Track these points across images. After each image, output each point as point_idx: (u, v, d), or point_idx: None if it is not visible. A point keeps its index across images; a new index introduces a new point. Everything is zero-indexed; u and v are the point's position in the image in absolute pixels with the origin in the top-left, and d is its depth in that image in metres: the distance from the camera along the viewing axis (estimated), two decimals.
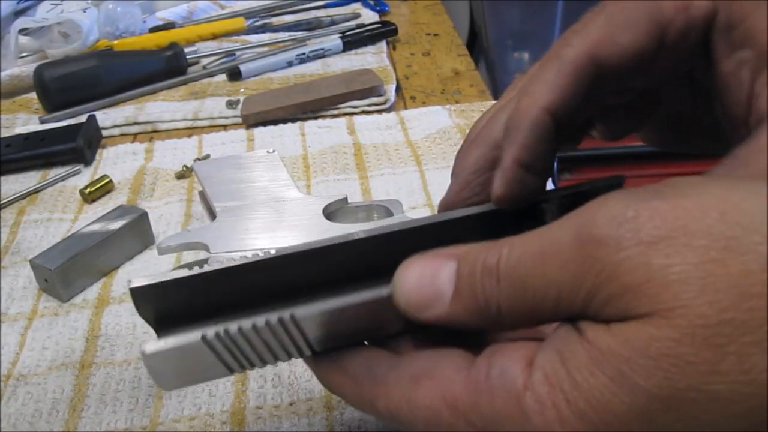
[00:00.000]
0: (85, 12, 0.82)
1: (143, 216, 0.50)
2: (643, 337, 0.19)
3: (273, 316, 0.25)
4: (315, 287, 0.26)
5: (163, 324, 0.25)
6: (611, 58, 0.26)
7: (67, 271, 0.46)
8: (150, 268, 0.49)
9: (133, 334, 0.44)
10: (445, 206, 0.30)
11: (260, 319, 0.25)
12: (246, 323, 0.25)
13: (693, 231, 0.19)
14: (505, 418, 0.21)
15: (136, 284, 0.24)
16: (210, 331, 0.24)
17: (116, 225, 0.49)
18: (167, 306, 0.25)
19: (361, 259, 0.26)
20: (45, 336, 0.44)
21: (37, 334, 0.44)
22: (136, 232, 0.50)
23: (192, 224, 0.54)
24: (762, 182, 0.20)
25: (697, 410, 0.19)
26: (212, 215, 0.51)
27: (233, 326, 0.25)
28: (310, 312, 0.25)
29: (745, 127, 0.26)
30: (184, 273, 0.25)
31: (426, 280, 0.24)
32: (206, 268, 0.25)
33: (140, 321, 0.44)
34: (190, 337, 0.24)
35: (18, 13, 0.88)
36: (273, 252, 0.25)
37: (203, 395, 0.39)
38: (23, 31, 0.82)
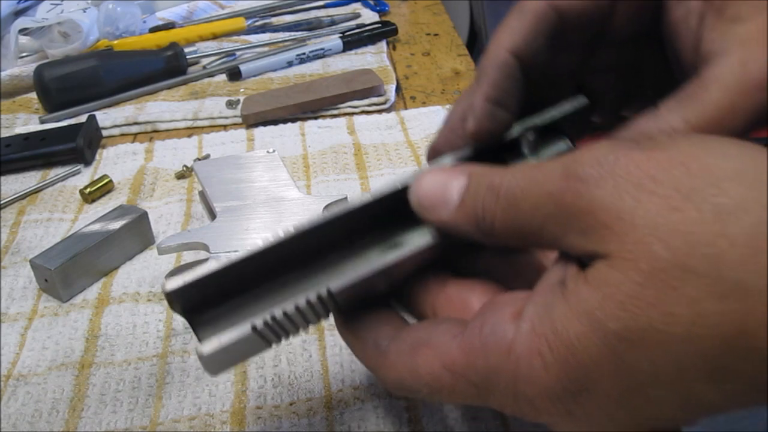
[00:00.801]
0: (85, 12, 0.82)
1: (143, 216, 0.50)
2: (611, 282, 0.21)
3: (312, 294, 0.26)
4: (331, 254, 0.28)
5: (197, 315, 0.27)
6: (571, 8, 0.31)
7: (67, 271, 0.46)
8: (150, 268, 0.49)
9: (133, 334, 0.44)
10: (434, 151, 0.33)
11: (300, 299, 0.26)
12: (288, 305, 0.26)
13: (661, 180, 0.21)
14: (499, 370, 0.23)
15: (170, 287, 0.26)
16: (257, 320, 0.26)
17: (116, 225, 0.49)
18: (201, 299, 0.27)
19: (371, 220, 0.29)
20: (45, 336, 0.44)
21: (37, 334, 0.44)
22: (136, 232, 0.50)
23: (192, 224, 0.54)
24: (728, 141, 0.22)
25: (659, 349, 0.20)
26: (212, 215, 0.51)
27: (278, 311, 0.26)
28: (343, 283, 0.27)
29: (695, 72, 0.28)
30: (214, 266, 0.26)
31: (438, 186, 0.27)
32: (233, 257, 0.26)
33: (140, 321, 0.45)
34: (241, 330, 0.26)
35: (18, 13, 0.88)
36: (288, 231, 0.27)
37: (203, 395, 0.40)
38: (23, 31, 0.82)
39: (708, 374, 0.20)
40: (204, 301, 0.27)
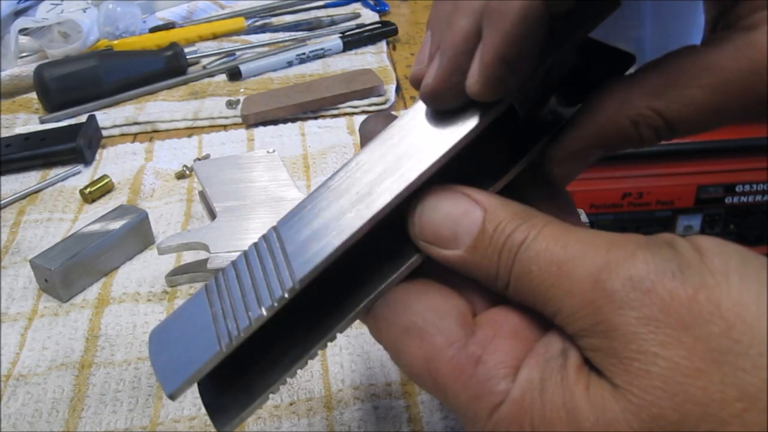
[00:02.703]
0: (85, 12, 0.82)
1: (143, 216, 0.50)
2: (609, 413, 0.20)
3: (314, 350, 0.26)
4: (328, 296, 0.26)
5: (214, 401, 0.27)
6: None
7: (67, 271, 0.46)
8: (150, 268, 0.49)
9: (133, 334, 0.44)
10: (432, 93, 0.25)
11: (311, 353, 0.26)
12: (298, 365, 0.26)
13: (695, 333, 0.19)
14: (477, 418, 0.23)
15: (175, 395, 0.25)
16: (274, 387, 0.26)
17: (116, 225, 0.49)
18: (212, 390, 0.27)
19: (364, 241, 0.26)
20: (45, 336, 0.44)
21: (37, 334, 0.44)
22: (136, 232, 0.50)
23: (192, 224, 0.54)
24: None
25: None
26: (212, 215, 0.51)
27: (288, 372, 0.26)
28: (344, 326, 0.26)
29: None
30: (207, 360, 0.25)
31: (448, 222, 0.24)
32: (222, 347, 0.25)
33: (140, 321, 0.45)
34: (259, 401, 0.26)
35: (18, 13, 0.88)
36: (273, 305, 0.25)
37: None
38: (23, 31, 0.82)
39: None
40: (215, 390, 0.27)
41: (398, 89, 0.74)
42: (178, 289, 0.47)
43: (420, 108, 0.26)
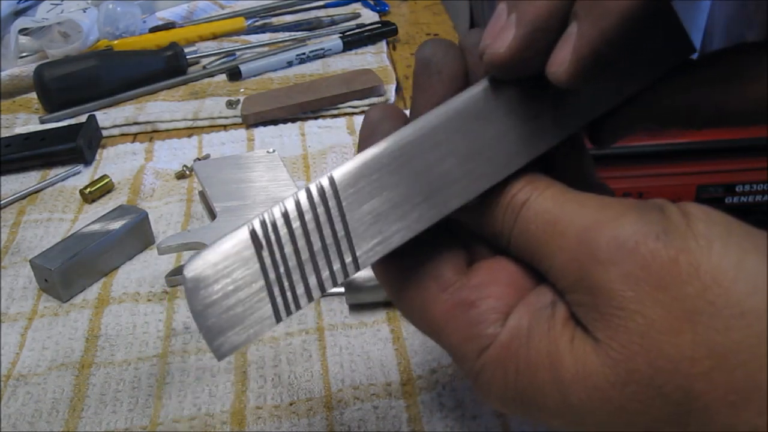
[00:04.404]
0: (85, 12, 0.82)
1: (143, 216, 0.50)
2: (589, 366, 0.21)
3: (327, 289, 0.25)
4: None
5: None
6: None
7: (67, 271, 0.46)
8: (150, 268, 0.49)
9: (133, 334, 0.44)
10: (501, 61, 0.24)
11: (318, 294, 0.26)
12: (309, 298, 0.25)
13: (672, 292, 0.20)
14: (466, 358, 0.24)
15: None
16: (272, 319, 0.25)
17: (116, 225, 0.49)
18: None
19: None
20: (45, 336, 0.44)
21: (37, 334, 0.44)
22: (136, 232, 0.50)
23: (192, 224, 0.54)
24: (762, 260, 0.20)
25: None
26: (212, 215, 0.51)
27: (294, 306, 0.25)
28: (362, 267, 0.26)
29: None
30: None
31: None
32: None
33: (140, 321, 0.45)
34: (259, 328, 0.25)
35: (18, 13, 0.88)
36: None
37: (203, 395, 0.39)
38: (23, 31, 0.82)
39: None
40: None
41: (398, 89, 0.74)
42: (178, 289, 0.47)
43: (490, 90, 0.25)
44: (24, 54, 0.82)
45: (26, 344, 0.44)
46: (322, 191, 0.26)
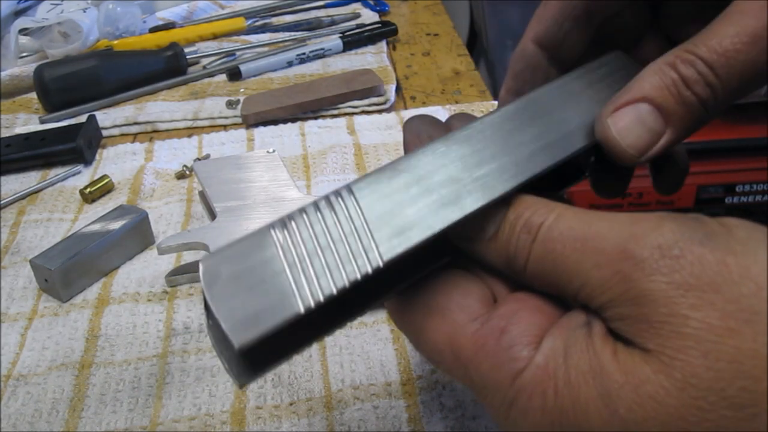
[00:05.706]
0: (85, 12, 0.82)
1: (143, 216, 0.50)
2: (639, 374, 0.20)
3: (339, 327, 0.26)
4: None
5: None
6: None
7: (67, 271, 0.46)
8: (150, 268, 0.49)
9: (133, 334, 0.44)
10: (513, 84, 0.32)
11: (331, 332, 0.26)
12: (320, 337, 0.26)
13: (726, 294, 0.20)
14: (500, 387, 0.23)
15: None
16: (291, 355, 0.25)
17: (116, 225, 0.49)
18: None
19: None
20: (45, 336, 0.44)
21: (37, 334, 0.44)
22: (136, 232, 0.50)
23: (192, 224, 0.54)
24: None
25: None
26: (212, 215, 0.51)
27: (310, 343, 0.26)
28: (372, 309, 0.26)
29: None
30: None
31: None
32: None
33: (140, 321, 0.45)
34: (279, 362, 0.26)
35: (18, 13, 0.88)
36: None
37: (203, 395, 0.40)
38: (23, 31, 0.82)
39: None
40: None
41: (398, 89, 0.74)
42: (178, 289, 0.47)
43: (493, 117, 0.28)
44: (24, 54, 0.82)
45: (26, 344, 0.44)
46: (338, 193, 0.27)
